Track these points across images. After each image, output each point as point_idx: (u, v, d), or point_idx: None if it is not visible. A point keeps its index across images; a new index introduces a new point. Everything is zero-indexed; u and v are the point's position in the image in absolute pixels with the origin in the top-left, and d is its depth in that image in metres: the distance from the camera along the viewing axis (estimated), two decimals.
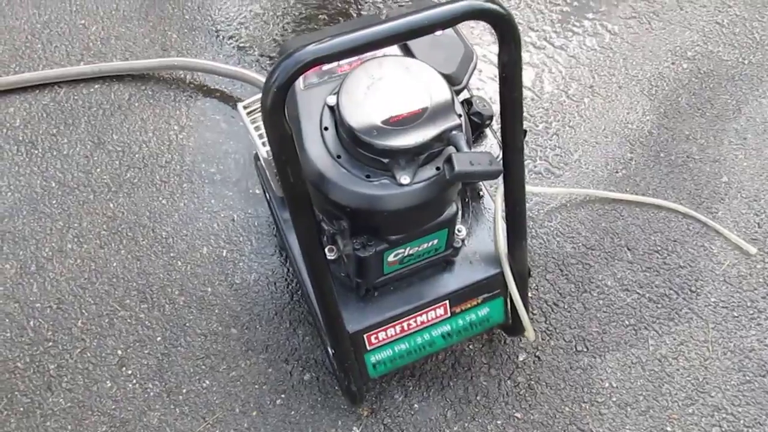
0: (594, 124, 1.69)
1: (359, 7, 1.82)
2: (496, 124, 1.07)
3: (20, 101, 1.71)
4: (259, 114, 1.17)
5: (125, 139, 1.64)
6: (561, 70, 1.76)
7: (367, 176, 0.96)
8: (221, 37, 1.80)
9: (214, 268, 1.48)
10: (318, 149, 0.98)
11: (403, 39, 0.86)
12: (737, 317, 1.46)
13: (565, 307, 1.47)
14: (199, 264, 1.49)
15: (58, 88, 1.72)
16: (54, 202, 1.57)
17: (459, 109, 1.00)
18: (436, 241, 1.11)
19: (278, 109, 0.83)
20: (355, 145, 0.95)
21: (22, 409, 1.36)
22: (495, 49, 1.73)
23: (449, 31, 1.11)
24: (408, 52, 1.09)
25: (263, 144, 1.12)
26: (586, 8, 1.87)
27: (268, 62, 1.75)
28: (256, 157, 1.31)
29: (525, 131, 1.04)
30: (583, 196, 1.59)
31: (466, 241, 1.20)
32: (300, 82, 1.04)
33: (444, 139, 0.95)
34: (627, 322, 1.45)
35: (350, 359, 1.17)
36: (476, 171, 0.89)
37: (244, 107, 1.17)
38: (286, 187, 0.92)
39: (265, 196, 1.42)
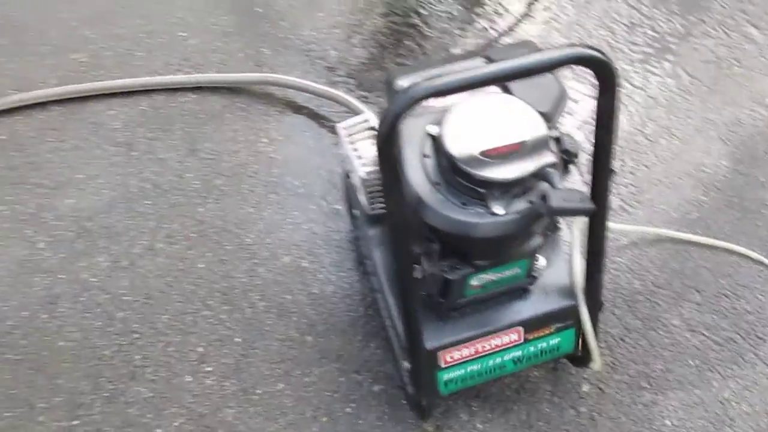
0: (669, 165, 1.72)
1: (455, 41, 1.89)
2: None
3: (120, 105, 1.83)
4: (357, 135, 1.25)
5: (217, 147, 1.74)
6: (639, 110, 1.80)
7: (463, 204, 1.02)
8: (311, 56, 1.88)
9: (294, 278, 1.55)
10: (418, 175, 1.05)
11: (510, 80, 0.93)
12: None
13: (631, 342, 1.50)
14: (280, 272, 1.56)
15: (157, 95, 1.83)
16: (148, 202, 1.67)
17: (553, 146, 1.05)
18: (518, 270, 1.16)
19: (393, 139, 0.90)
20: (455, 174, 1.01)
21: (107, 395, 1.44)
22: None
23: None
24: (505, 88, 1.15)
25: (362, 165, 1.19)
26: (666, 50, 1.90)
27: (353, 83, 1.83)
28: (346, 176, 1.38)
29: (614, 171, 1.09)
30: (655, 236, 1.62)
31: (543, 271, 1.25)
32: None
33: (539, 174, 1.00)
34: (691, 363, 1.47)
35: (424, 375, 1.22)
36: (570, 208, 0.95)
37: (344, 128, 1.24)
38: (391, 210, 0.98)
39: (350, 213, 1.49)
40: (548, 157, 1.00)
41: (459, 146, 1.01)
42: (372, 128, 1.24)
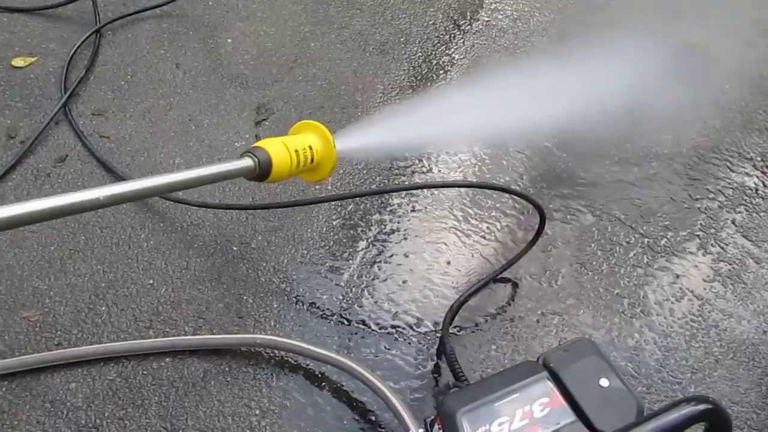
0: None
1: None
2: None
3: (83, 375, 1.58)
4: None
5: (201, 425, 1.50)
6: (657, 342, 1.69)
7: None
8: (299, 303, 1.71)
9: None
10: None
11: None
12: None
13: None
14: None
15: (126, 361, 1.60)
16: None
17: None
18: None
19: None
20: None
21: None
22: None
23: (616, 381, 1.02)
24: (577, 409, 1.00)
25: None
26: (667, 271, 1.83)
27: (347, 331, 1.66)
28: None
29: None
30: None
31: None
32: None
33: None
34: None
35: None
36: None
37: None
38: None
39: None
40: None
41: None
42: None
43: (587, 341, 1.09)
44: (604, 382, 1.01)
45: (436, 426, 1.01)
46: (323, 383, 1.57)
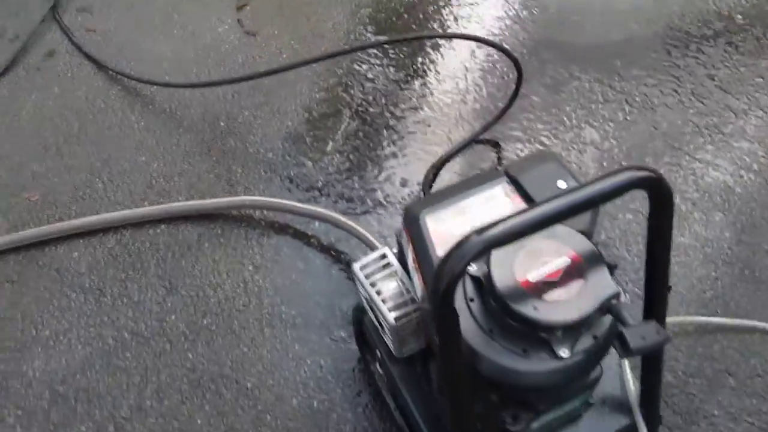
0: (674, 244, 1.66)
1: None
2: None
3: (84, 245, 1.66)
4: (376, 274, 1.13)
5: (198, 282, 1.59)
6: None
7: (524, 351, 0.91)
8: (286, 171, 1.77)
9: (306, 421, 1.40)
10: (467, 323, 0.93)
11: (571, 215, 0.83)
12: None
13: None
14: (290, 417, 1.41)
15: (123, 230, 1.68)
16: (128, 354, 1.50)
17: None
18: (577, 403, 1.05)
19: (452, 298, 0.79)
20: (511, 320, 0.90)
21: None
22: None
23: (573, 183, 1.08)
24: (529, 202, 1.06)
25: (389, 309, 1.07)
26: (645, 123, 1.87)
27: (334, 192, 1.72)
28: (360, 311, 1.26)
29: (669, 287, 1.00)
30: (677, 323, 1.54)
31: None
32: (436, 250, 0.99)
33: (603, 308, 0.91)
34: None
35: None
36: (649, 345, 0.85)
37: (360, 268, 1.12)
38: (447, 369, 0.86)
39: (364, 349, 1.36)
40: (611, 288, 0.91)
41: (512, 290, 0.90)
42: (389, 264, 1.13)
43: (547, 152, 1.15)
44: (561, 184, 1.06)
45: (404, 236, 1.08)
46: (311, 239, 1.64)
